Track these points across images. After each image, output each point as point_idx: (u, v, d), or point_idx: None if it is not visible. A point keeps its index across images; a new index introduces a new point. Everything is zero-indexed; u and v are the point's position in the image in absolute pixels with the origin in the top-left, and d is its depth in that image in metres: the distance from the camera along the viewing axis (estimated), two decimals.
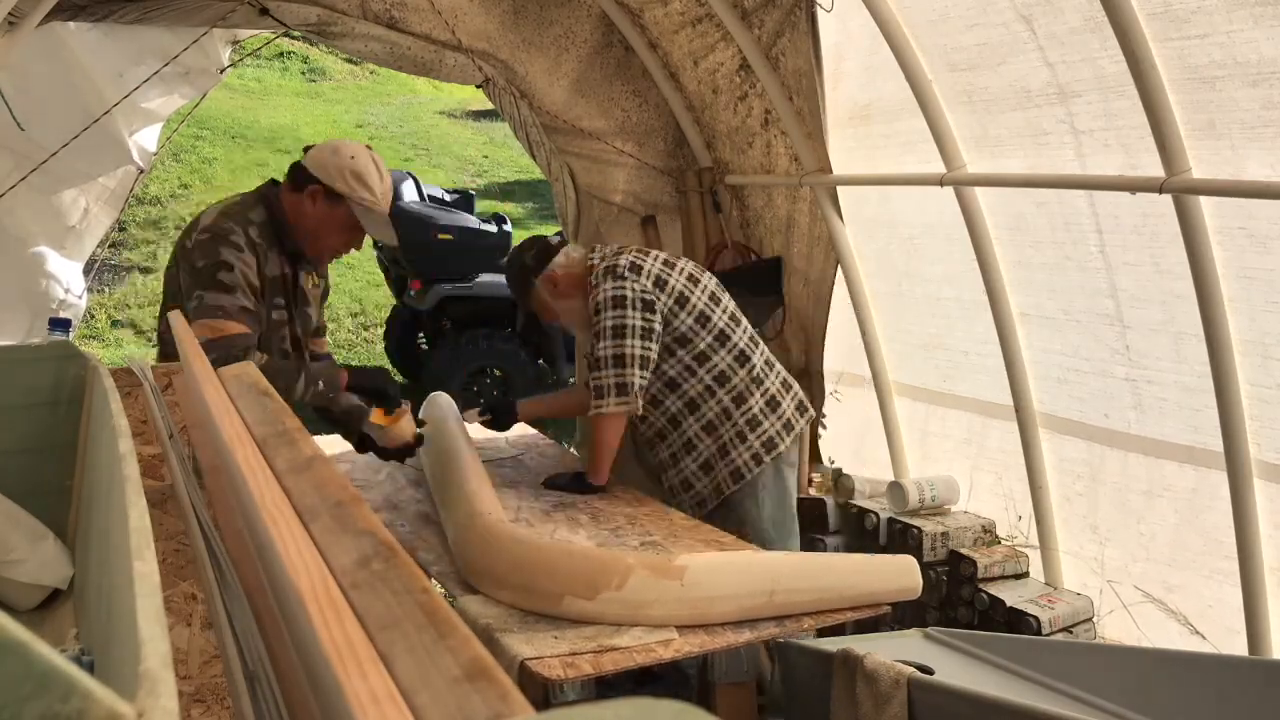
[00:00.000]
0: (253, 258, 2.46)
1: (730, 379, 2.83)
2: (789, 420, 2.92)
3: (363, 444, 2.72)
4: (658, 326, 2.73)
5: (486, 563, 2.12)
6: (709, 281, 2.89)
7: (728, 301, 2.91)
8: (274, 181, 2.63)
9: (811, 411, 3.02)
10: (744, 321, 2.92)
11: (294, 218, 2.54)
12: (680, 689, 2.71)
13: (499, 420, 3.07)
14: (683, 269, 2.84)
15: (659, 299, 2.74)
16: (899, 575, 2.18)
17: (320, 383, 2.52)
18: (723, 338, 2.83)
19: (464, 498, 2.38)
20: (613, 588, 1.93)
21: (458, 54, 3.76)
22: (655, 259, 2.82)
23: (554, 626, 1.94)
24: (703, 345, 2.79)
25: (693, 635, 1.94)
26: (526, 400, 3.21)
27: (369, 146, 2.62)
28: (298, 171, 2.55)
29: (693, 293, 2.80)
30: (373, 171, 2.53)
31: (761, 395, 2.87)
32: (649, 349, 2.71)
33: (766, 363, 2.93)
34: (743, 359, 2.85)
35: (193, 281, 2.42)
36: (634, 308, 2.70)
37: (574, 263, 2.85)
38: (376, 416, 2.64)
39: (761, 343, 2.96)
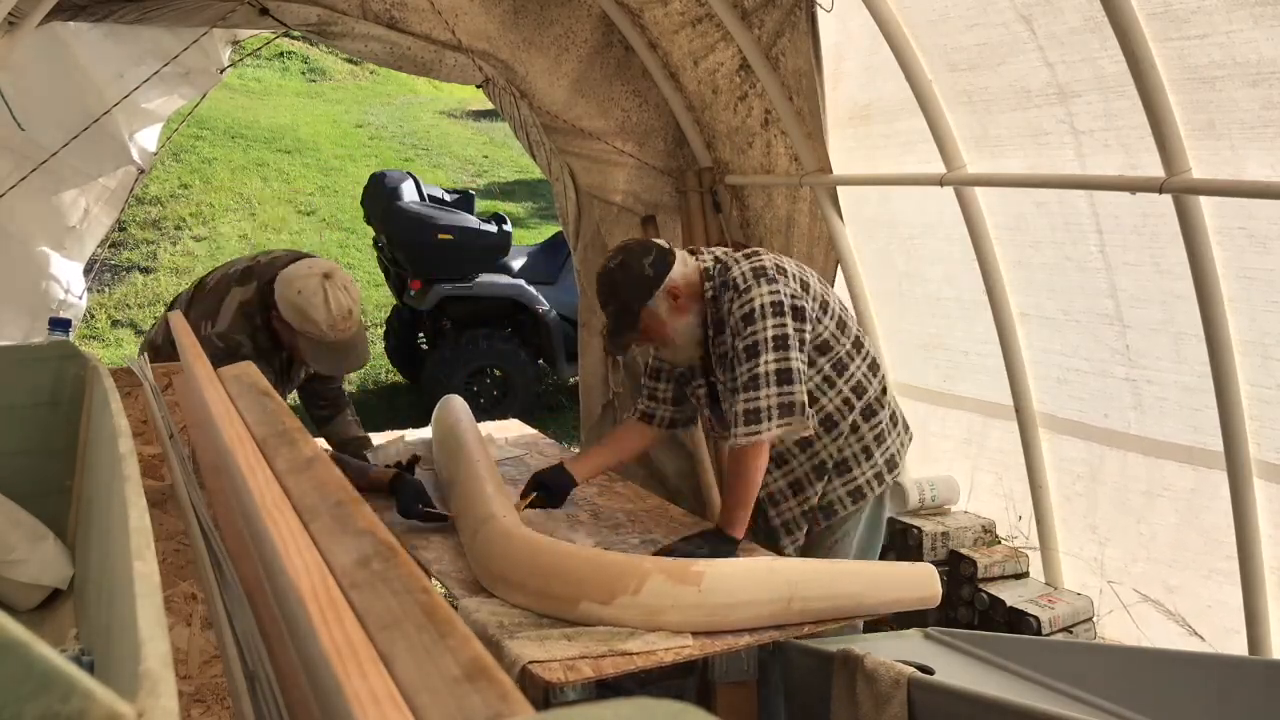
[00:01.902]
0: (266, 366, 2.43)
1: (866, 389, 2.54)
2: (906, 438, 2.67)
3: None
4: (808, 336, 2.42)
5: (502, 567, 2.11)
6: (823, 285, 2.62)
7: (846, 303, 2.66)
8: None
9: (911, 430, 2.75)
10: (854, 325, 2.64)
11: (277, 325, 2.58)
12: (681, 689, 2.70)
13: (553, 498, 2.54)
14: (810, 270, 2.58)
15: (807, 304, 2.43)
16: (919, 584, 2.17)
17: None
18: (858, 344, 2.57)
19: (480, 501, 2.37)
20: (629, 592, 1.92)
21: (458, 54, 3.76)
22: (778, 258, 2.51)
23: (566, 629, 1.93)
24: (842, 353, 2.51)
25: (694, 637, 1.94)
26: (578, 459, 2.72)
27: (329, 273, 2.51)
28: (267, 290, 2.56)
29: (829, 295, 2.54)
30: (318, 304, 2.45)
31: (888, 407, 2.61)
32: (804, 361, 2.40)
33: (883, 377, 2.65)
34: (875, 367, 2.59)
35: None
36: (794, 316, 2.38)
37: (691, 269, 2.47)
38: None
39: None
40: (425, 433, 3.26)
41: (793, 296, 2.39)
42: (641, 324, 2.42)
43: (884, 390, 2.62)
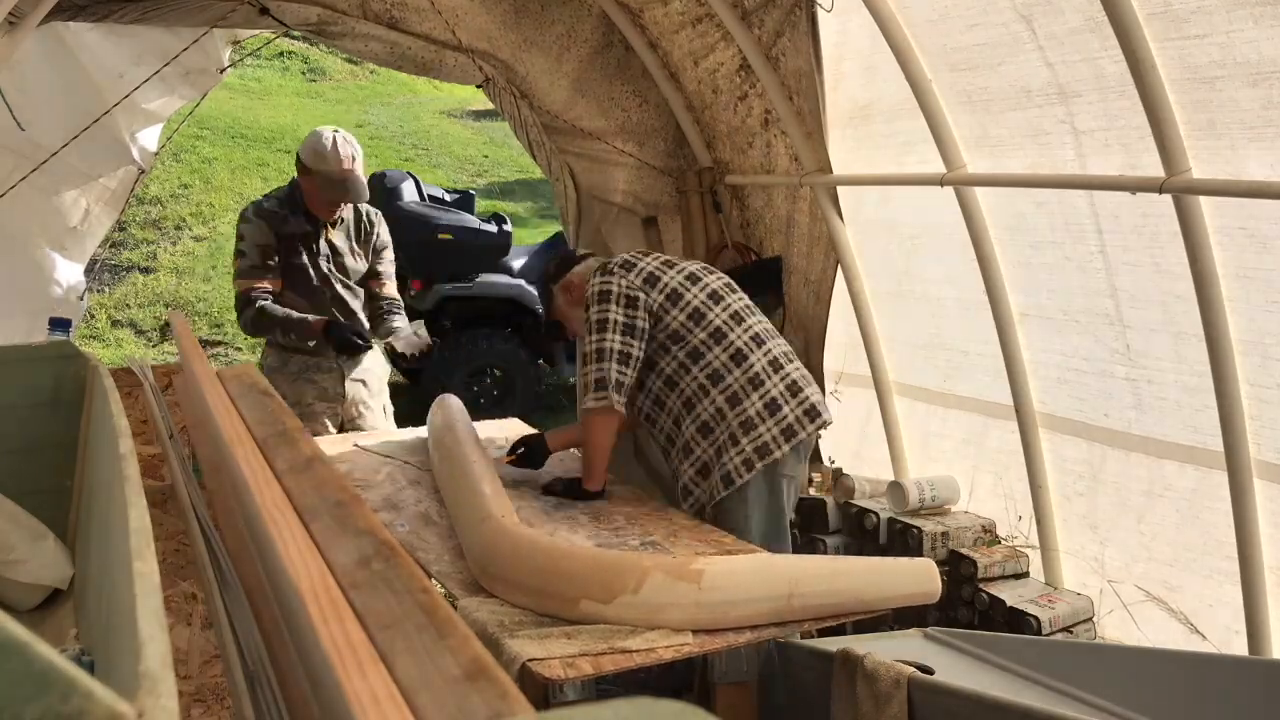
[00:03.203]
0: (264, 224, 3.27)
1: (724, 377, 2.73)
2: (790, 426, 2.75)
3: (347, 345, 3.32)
4: (640, 323, 2.70)
5: (501, 566, 2.10)
6: (714, 281, 2.82)
7: (733, 301, 2.81)
8: None
9: (826, 418, 2.85)
10: (750, 321, 2.81)
11: (303, 189, 3.32)
12: (681, 689, 2.70)
13: (533, 457, 2.92)
14: (684, 269, 2.79)
15: (648, 295, 2.71)
16: (918, 580, 2.16)
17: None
18: (718, 335, 2.74)
19: (477, 501, 2.36)
20: (629, 591, 1.91)
21: (458, 54, 3.76)
22: (655, 259, 2.80)
23: (566, 627, 1.92)
24: (695, 341, 2.73)
25: (694, 634, 1.94)
26: (555, 431, 3.04)
27: (338, 129, 3.29)
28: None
29: (689, 290, 2.75)
30: (327, 146, 3.20)
31: (760, 397, 2.75)
32: (630, 344, 2.68)
33: (771, 363, 2.80)
34: (739, 357, 2.75)
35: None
36: (617, 303, 2.68)
37: (589, 269, 2.84)
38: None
39: (772, 344, 2.83)
40: (421, 431, 3.26)
41: (627, 288, 2.70)
42: (555, 311, 2.96)
43: (754, 381, 2.73)
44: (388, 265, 3.58)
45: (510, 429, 3.44)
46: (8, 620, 0.43)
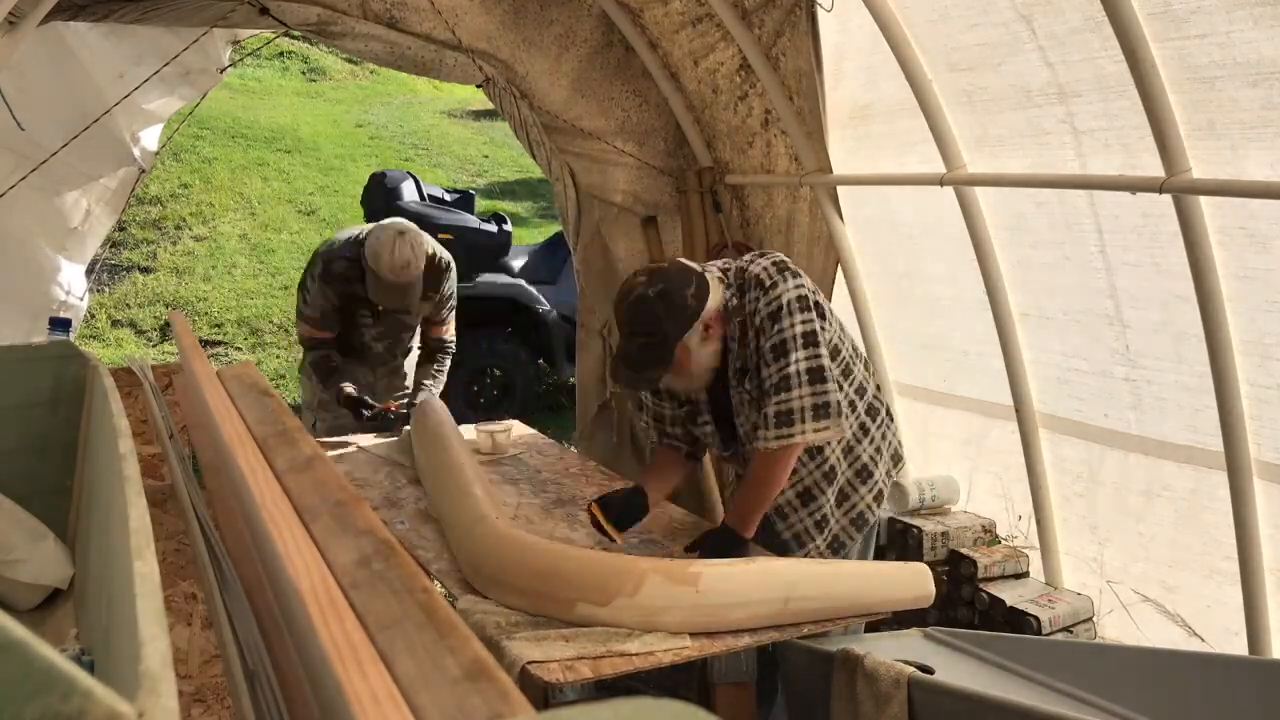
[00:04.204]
0: (330, 290, 3.31)
1: (866, 390, 2.44)
2: (899, 442, 2.55)
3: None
4: (835, 340, 2.32)
5: (496, 569, 2.08)
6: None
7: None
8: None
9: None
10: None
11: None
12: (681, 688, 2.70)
13: (629, 516, 2.37)
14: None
15: (825, 302, 2.32)
16: (914, 584, 2.17)
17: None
18: (855, 349, 2.47)
19: (468, 504, 2.35)
20: (627, 594, 1.90)
21: (458, 54, 3.76)
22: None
23: (564, 629, 1.92)
24: (847, 355, 2.40)
25: (692, 637, 1.94)
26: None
27: (402, 230, 3.23)
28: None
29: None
30: (385, 251, 3.17)
31: (885, 406, 2.52)
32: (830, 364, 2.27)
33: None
34: (868, 365, 2.51)
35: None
36: (820, 315, 2.25)
37: (718, 286, 2.31)
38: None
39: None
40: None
41: (814, 292, 2.28)
42: (677, 356, 2.24)
43: (880, 388, 2.61)
44: (448, 314, 3.68)
45: (510, 429, 3.43)
46: (8, 620, 0.43)
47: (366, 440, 3.29)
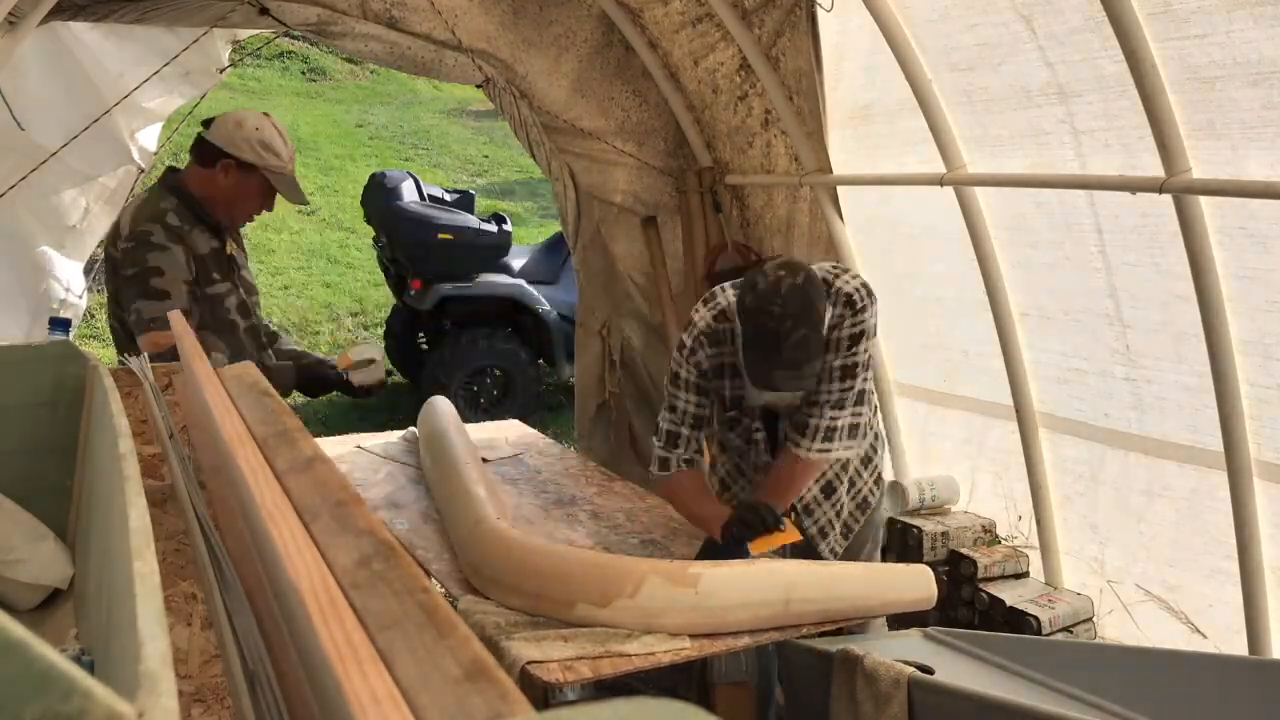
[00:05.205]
0: (179, 247, 2.56)
1: (873, 392, 2.57)
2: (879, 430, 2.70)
3: (326, 386, 2.89)
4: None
5: (496, 570, 2.09)
6: None
7: None
8: (171, 169, 2.76)
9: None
10: None
11: (208, 192, 2.67)
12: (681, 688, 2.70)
13: (752, 531, 2.25)
14: None
15: None
16: (915, 585, 2.17)
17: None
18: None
19: (471, 504, 2.35)
20: (626, 595, 1.90)
21: (458, 54, 3.76)
22: None
23: (563, 629, 1.92)
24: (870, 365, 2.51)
25: (692, 638, 1.94)
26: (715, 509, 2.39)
27: (267, 115, 2.74)
28: (204, 148, 2.67)
29: None
30: (277, 138, 2.68)
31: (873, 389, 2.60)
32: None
33: None
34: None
35: (128, 291, 2.54)
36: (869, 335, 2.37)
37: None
38: (342, 361, 2.88)
39: None
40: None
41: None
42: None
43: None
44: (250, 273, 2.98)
45: (510, 429, 3.43)
46: (8, 620, 0.43)
47: (367, 441, 3.29)
